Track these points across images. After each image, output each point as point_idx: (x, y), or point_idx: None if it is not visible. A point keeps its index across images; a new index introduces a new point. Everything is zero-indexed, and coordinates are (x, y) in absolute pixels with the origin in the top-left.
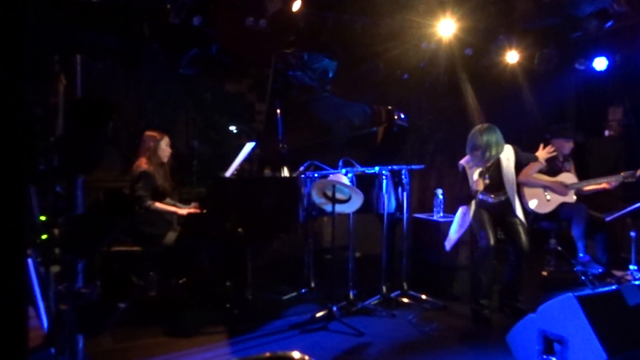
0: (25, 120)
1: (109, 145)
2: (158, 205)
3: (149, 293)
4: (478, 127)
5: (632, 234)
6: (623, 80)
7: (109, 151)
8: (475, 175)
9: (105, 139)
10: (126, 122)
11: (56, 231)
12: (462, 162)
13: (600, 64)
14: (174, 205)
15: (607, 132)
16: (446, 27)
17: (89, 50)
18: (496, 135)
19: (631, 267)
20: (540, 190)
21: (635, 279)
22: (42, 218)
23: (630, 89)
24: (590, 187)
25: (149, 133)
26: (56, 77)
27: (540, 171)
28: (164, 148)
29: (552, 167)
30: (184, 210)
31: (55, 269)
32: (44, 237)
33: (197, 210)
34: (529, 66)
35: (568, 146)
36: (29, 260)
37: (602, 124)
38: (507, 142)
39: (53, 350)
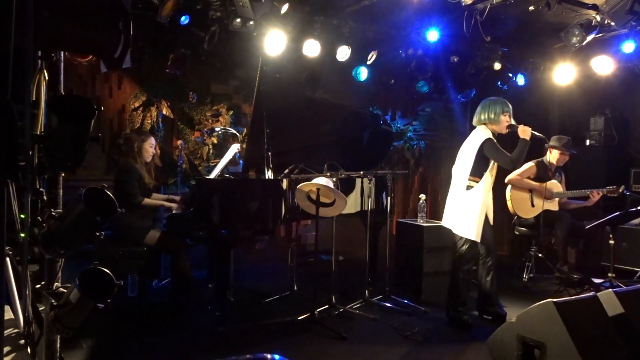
0: (6, 116)
1: (91, 143)
2: (147, 201)
3: (130, 294)
4: (492, 98)
5: (611, 242)
6: (605, 90)
7: (92, 150)
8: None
9: (87, 136)
10: (110, 122)
11: (35, 230)
12: (489, 135)
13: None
14: (162, 199)
15: (588, 142)
16: (433, 34)
17: (73, 46)
18: None
19: (610, 274)
20: (526, 195)
21: (614, 287)
22: (22, 216)
23: (611, 99)
24: (574, 205)
25: (132, 134)
26: (39, 72)
27: (530, 177)
28: (148, 149)
29: (543, 176)
30: (172, 204)
31: (33, 268)
32: (22, 235)
33: (178, 203)
34: (513, 74)
35: (563, 159)
36: (7, 259)
37: (584, 133)
38: None
39: (29, 349)
